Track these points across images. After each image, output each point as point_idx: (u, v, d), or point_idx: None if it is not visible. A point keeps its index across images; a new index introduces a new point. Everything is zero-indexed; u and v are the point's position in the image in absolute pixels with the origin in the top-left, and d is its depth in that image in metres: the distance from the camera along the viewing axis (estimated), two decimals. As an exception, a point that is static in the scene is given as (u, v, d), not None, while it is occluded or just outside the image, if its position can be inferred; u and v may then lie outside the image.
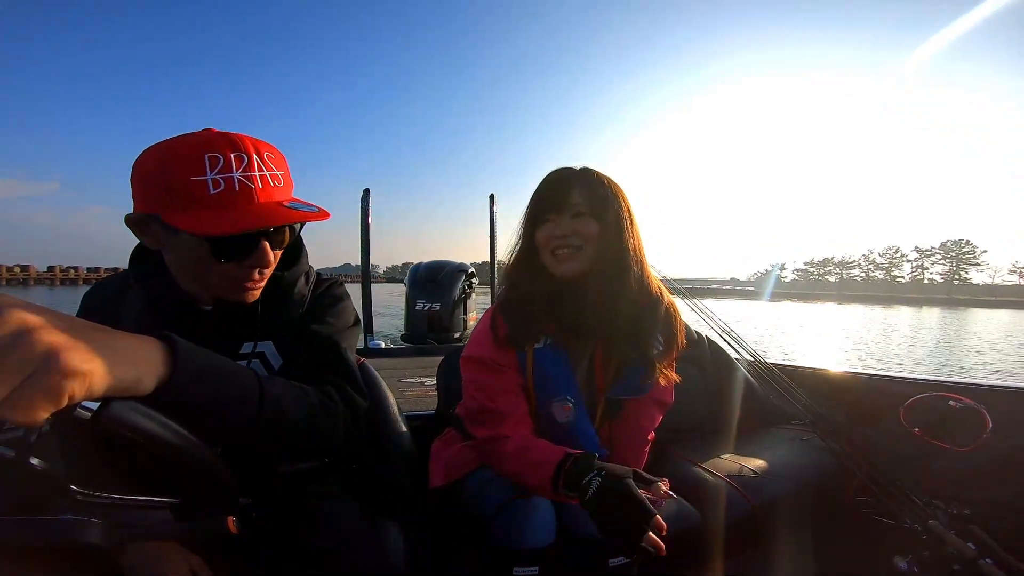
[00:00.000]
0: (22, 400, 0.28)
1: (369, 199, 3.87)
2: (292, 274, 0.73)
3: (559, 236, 0.84)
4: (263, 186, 0.59)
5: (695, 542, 1.05)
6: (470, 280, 5.15)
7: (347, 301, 0.79)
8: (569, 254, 0.84)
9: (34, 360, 0.28)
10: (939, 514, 0.98)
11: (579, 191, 0.85)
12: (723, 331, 1.64)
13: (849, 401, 1.60)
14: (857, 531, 1.20)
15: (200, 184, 0.55)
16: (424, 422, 1.25)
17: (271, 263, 0.64)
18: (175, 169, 0.55)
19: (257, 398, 0.49)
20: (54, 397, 0.29)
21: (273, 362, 0.70)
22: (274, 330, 0.71)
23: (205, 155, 0.55)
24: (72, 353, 0.29)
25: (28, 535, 0.38)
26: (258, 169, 0.59)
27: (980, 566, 0.86)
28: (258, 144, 0.61)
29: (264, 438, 0.50)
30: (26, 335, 0.28)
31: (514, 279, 0.92)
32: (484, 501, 0.85)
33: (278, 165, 0.63)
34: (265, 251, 0.62)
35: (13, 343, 0.27)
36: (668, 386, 0.93)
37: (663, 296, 0.91)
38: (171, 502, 0.46)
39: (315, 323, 0.72)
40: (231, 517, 0.46)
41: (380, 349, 3.59)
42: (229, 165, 0.56)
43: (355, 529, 0.70)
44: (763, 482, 1.15)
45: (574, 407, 0.85)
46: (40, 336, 0.28)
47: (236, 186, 0.56)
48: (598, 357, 0.91)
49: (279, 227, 0.63)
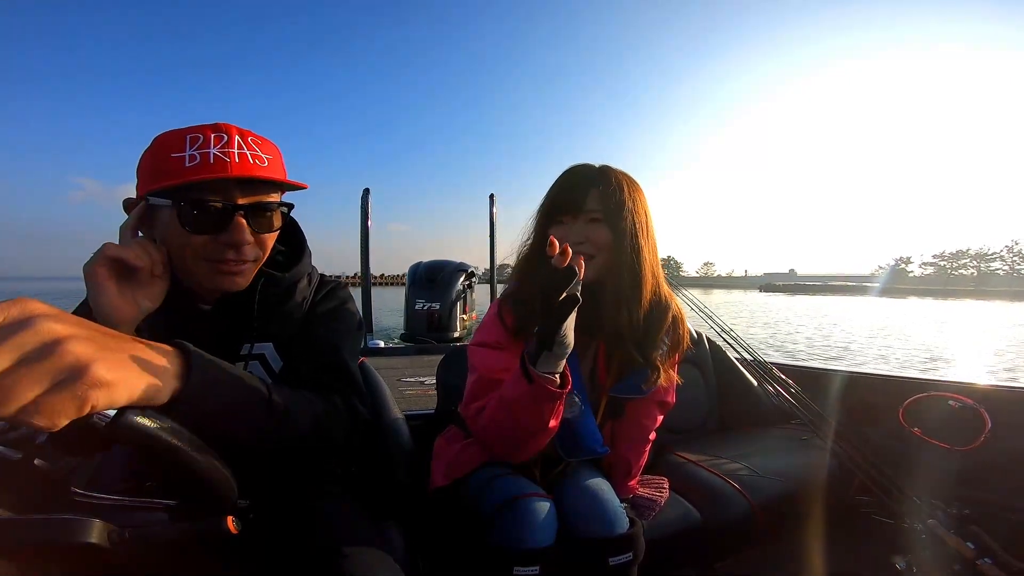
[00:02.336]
0: (47, 406, 0.28)
1: (369, 199, 3.87)
2: (293, 275, 0.72)
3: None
4: (240, 162, 0.59)
5: (695, 542, 1.05)
6: (470, 280, 5.16)
7: (350, 304, 0.78)
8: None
9: (64, 369, 0.29)
10: (939, 514, 0.98)
11: (596, 195, 0.83)
12: (723, 331, 1.64)
13: (849, 401, 1.60)
14: (857, 531, 1.20)
15: (179, 159, 0.57)
16: (423, 421, 1.25)
17: (247, 241, 0.61)
18: (161, 151, 0.58)
19: (266, 407, 0.50)
20: (78, 406, 0.30)
21: (273, 364, 0.70)
22: (275, 331, 0.70)
23: (187, 136, 0.58)
24: (99, 365, 0.30)
25: (28, 535, 0.38)
26: (238, 147, 0.59)
27: (980, 566, 0.87)
28: (244, 131, 0.61)
29: (270, 446, 0.51)
30: (57, 344, 0.29)
31: (524, 275, 0.90)
32: (484, 501, 0.85)
33: (264, 150, 0.62)
34: (239, 227, 0.59)
35: (44, 351, 0.28)
36: (670, 387, 0.93)
37: (671, 303, 0.91)
38: (171, 504, 0.46)
39: (318, 327, 0.72)
40: (230, 517, 0.46)
41: (379, 348, 3.59)
42: (208, 142, 0.58)
43: (355, 529, 0.70)
44: (763, 482, 1.15)
45: (580, 402, 0.85)
46: (70, 346, 0.29)
47: (211, 160, 0.57)
48: (601, 355, 0.91)
49: (257, 205, 0.61)
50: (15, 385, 0.27)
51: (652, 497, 1.02)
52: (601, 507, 0.81)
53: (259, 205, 0.62)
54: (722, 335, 1.64)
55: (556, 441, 0.87)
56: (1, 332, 0.28)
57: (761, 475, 1.18)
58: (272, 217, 0.64)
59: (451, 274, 5.05)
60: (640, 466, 0.98)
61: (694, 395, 1.60)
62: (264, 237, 0.64)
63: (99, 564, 0.41)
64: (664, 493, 1.05)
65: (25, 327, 0.28)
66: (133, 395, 0.34)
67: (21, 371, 0.28)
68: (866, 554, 1.14)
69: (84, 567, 0.45)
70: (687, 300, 1.68)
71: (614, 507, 0.82)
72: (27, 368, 0.28)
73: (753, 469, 1.20)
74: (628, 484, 0.97)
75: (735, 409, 1.62)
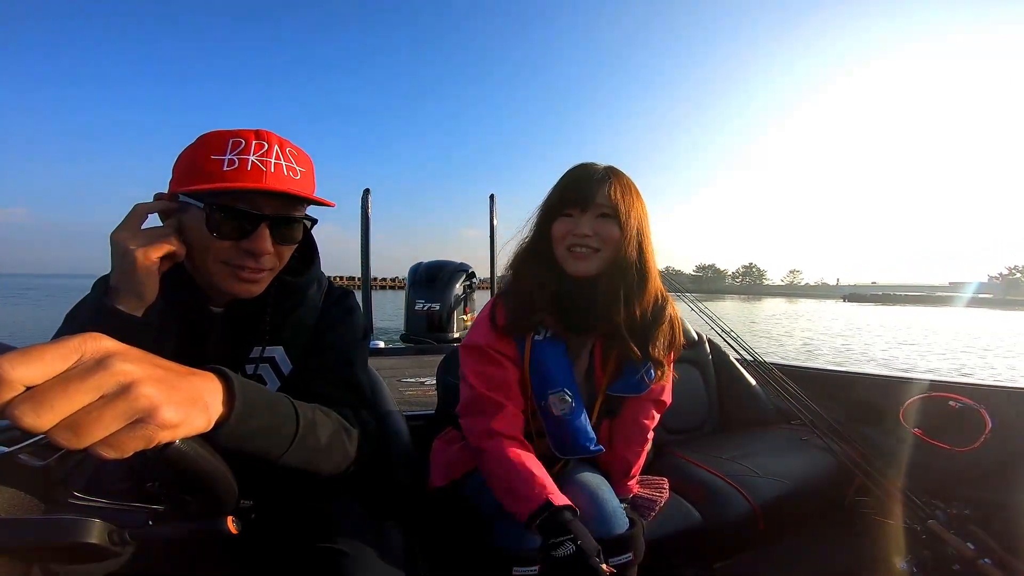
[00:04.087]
0: (118, 443, 0.31)
1: (369, 199, 3.86)
2: (304, 281, 0.73)
3: (579, 234, 0.83)
4: (275, 172, 0.60)
5: (695, 542, 1.05)
6: (470, 280, 5.15)
7: (358, 312, 0.80)
8: (586, 254, 0.84)
9: (138, 411, 0.31)
10: (939, 514, 0.98)
11: (607, 192, 0.84)
12: (723, 331, 1.64)
13: (849, 401, 1.60)
14: (857, 531, 1.20)
15: (218, 162, 0.59)
16: (424, 422, 1.25)
17: (268, 251, 0.62)
18: (202, 150, 0.60)
19: (294, 424, 0.52)
20: (145, 443, 0.32)
21: (283, 367, 0.70)
22: (285, 335, 0.71)
23: (230, 140, 0.60)
24: (168, 408, 0.33)
25: (28, 535, 0.38)
26: (276, 158, 0.61)
27: (980, 566, 0.87)
28: (284, 141, 0.63)
29: (294, 460, 0.53)
30: (133, 387, 0.31)
31: (520, 270, 0.91)
32: (484, 501, 0.85)
33: (300, 162, 0.64)
34: (262, 236, 0.61)
35: (121, 392, 0.31)
36: (667, 386, 0.93)
37: (668, 303, 0.92)
38: (169, 506, 0.47)
39: (330, 337, 0.73)
40: (230, 517, 0.47)
41: (379, 349, 3.59)
42: (248, 149, 0.59)
43: (355, 529, 0.70)
44: (763, 482, 1.15)
45: (571, 400, 0.86)
46: (144, 389, 0.32)
47: (249, 167, 0.59)
48: (598, 353, 0.91)
49: (284, 218, 0.62)
50: (94, 423, 0.29)
51: (652, 497, 1.02)
52: (600, 507, 0.81)
53: (285, 218, 0.63)
54: (722, 335, 1.64)
55: (550, 440, 0.87)
56: (81, 370, 0.30)
57: (761, 475, 1.18)
58: (295, 230, 0.66)
59: (451, 274, 5.05)
60: (639, 466, 0.98)
61: (694, 395, 1.60)
62: (283, 249, 0.65)
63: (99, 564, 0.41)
64: (664, 493, 1.05)
65: (103, 367, 0.30)
66: (191, 433, 0.37)
67: (103, 411, 0.30)
68: (866, 554, 1.14)
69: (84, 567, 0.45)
70: (689, 303, 1.68)
71: (613, 507, 0.82)
72: (107, 408, 0.30)
73: (753, 469, 1.20)
74: (627, 484, 0.97)
75: (735, 409, 1.62)
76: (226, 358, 0.69)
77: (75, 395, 0.29)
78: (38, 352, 0.29)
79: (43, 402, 0.28)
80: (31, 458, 0.38)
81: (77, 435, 0.29)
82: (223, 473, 0.44)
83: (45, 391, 0.28)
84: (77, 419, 0.29)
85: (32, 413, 0.28)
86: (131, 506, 0.45)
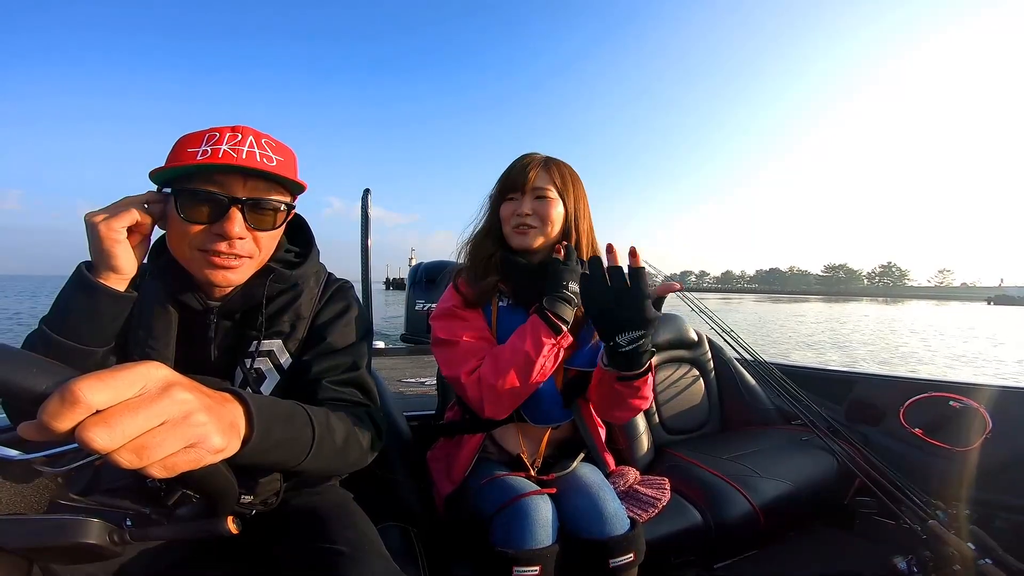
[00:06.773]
0: (173, 463, 0.33)
1: (369, 199, 3.86)
2: (301, 272, 0.73)
3: (520, 213, 0.93)
4: (247, 159, 0.61)
5: (695, 542, 1.05)
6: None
7: (359, 306, 0.80)
8: (526, 230, 0.94)
9: (194, 437, 0.34)
10: (939, 514, 0.98)
11: (543, 176, 0.94)
12: (723, 331, 1.64)
13: (849, 401, 1.60)
14: (857, 531, 1.20)
15: (192, 153, 0.60)
16: (424, 422, 1.25)
17: (238, 235, 0.61)
18: (180, 146, 0.62)
19: (311, 434, 0.53)
20: (194, 466, 0.35)
21: (281, 360, 0.70)
22: (283, 328, 0.71)
23: (207, 134, 0.62)
24: (217, 436, 0.36)
25: (28, 535, 0.38)
26: (249, 146, 0.62)
27: (980, 566, 0.86)
28: (262, 134, 0.64)
29: (310, 465, 0.54)
30: (191, 414, 0.34)
31: (476, 245, 1.01)
32: (485, 501, 0.85)
33: (276, 152, 0.64)
34: (232, 219, 0.60)
35: (182, 419, 0.33)
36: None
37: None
38: (170, 507, 0.47)
39: (332, 335, 0.73)
40: (231, 517, 0.47)
41: (379, 349, 3.58)
42: (222, 140, 0.61)
43: (355, 529, 0.70)
44: (763, 482, 1.15)
45: None
46: (199, 417, 0.35)
47: (220, 155, 0.60)
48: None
49: (254, 201, 0.62)
50: (157, 447, 0.32)
51: (653, 497, 1.02)
52: (601, 508, 0.81)
53: (258, 201, 0.63)
54: (722, 335, 1.64)
55: (522, 408, 0.91)
56: (147, 398, 0.32)
57: (761, 475, 1.18)
58: (272, 216, 0.65)
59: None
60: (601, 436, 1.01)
61: (695, 396, 1.60)
62: (261, 235, 0.65)
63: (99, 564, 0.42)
64: (665, 493, 1.05)
65: (167, 396, 0.33)
66: (229, 455, 0.39)
67: (166, 436, 0.32)
68: (866, 554, 1.14)
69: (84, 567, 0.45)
70: (689, 303, 1.68)
71: (614, 508, 0.82)
72: (170, 433, 0.32)
73: (753, 469, 1.20)
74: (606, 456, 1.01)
75: (735, 409, 1.62)
76: (224, 352, 0.69)
77: (144, 421, 0.31)
78: (109, 377, 0.31)
79: (115, 425, 0.30)
80: (45, 466, 0.38)
81: (139, 457, 0.31)
82: (223, 473, 0.44)
83: (116, 415, 0.30)
84: (143, 442, 0.31)
85: (105, 435, 0.29)
86: (131, 506, 0.45)
